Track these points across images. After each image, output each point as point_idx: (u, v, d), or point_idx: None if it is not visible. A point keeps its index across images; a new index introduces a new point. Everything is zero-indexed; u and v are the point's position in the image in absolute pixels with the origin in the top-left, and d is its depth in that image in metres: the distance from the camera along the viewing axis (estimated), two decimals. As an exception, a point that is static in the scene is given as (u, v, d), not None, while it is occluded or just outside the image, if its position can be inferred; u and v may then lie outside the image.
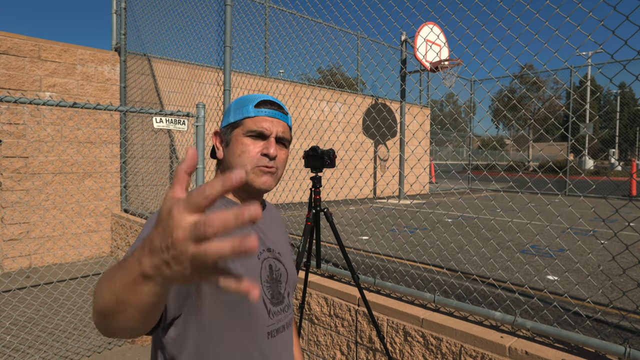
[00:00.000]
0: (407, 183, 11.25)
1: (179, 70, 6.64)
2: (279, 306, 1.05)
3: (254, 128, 0.99)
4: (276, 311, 1.03)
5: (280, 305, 1.05)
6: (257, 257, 1.01)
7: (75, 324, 3.65)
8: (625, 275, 3.66)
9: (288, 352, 1.06)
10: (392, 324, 2.59)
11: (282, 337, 1.04)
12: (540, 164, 29.06)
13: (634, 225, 7.00)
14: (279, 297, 1.05)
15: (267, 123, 1.00)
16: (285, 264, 1.10)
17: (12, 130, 5.33)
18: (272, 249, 1.07)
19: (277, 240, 1.12)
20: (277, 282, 1.05)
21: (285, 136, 1.03)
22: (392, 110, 11.25)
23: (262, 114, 1.00)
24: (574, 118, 11.59)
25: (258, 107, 1.00)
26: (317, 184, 2.33)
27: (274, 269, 1.05)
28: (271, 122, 1.01)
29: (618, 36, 1.91)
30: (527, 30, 2.33)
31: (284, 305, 1.07)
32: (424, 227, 6.30)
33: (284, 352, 1.04)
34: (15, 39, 5.40)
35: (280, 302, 1.05)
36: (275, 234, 1.14)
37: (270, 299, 1.02)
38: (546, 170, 21.93)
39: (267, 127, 1.00)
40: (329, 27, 8.24)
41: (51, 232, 5.70)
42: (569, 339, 2.01)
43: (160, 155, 6.45)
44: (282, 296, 1.06)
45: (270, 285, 1.02)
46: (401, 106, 9.11)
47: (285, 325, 1.06)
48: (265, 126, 1.00)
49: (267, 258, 1.04)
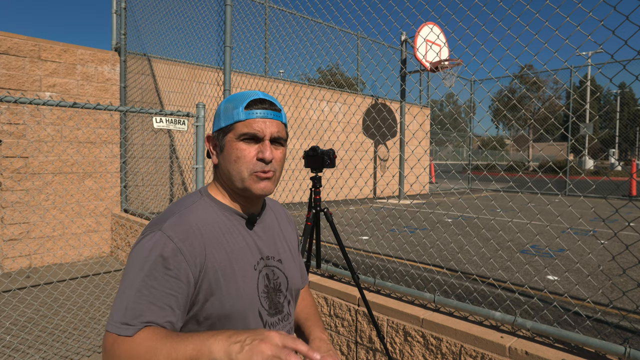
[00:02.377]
0: (407, 183, 11.25)
1: (179, 70, 6.64)
2: (277, 316, 1.02)
3: (246, 131, 0.95)
4: (273, 322, 1.01)
5: (279, 315, 1.03)
6: (254, 269, 0.99)
7: (75, 324, 3.65)
8: (625, 275, 3.66)
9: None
10: (392, 324, 2.59)
11: None
12: (540, 164, 29.06)
13: (634, 225, 7.00)
14: (278, 307, 1.03)
15: (259, 124, 0.96)
16: (285, 271, 1.07)
17: (12, 130, 5.33)
18: (270, 256, 1.05)
19: (278, 245, 1.09)
20: (276, 290, 1.03)
21: (281, 135, 0.99)
22: (392, 110, 11.25)
23: (254, 115, 0.96)
24: (574, 118, 11.59)
25: (249, 109, 0.96)
26: (317, 184, 2.33)
27: (272, 278, 1.03)
28: (264, 123, 0.96)
29: (618, 36, 1.91)
30: (527, 30, 2.33)
31: (283, 315, 1.04)
32: (424, 227, 6.30)
33: None
34: (15, 39, 5.40)
35: (279, 312, 1.03)
36: (277, 238, 1.10)
37: (268, 309, 1.00)
38: (546, 170, 21.93)
39: (260, 129, 0.96)
40: (329, 27, 8.23)
41: (51, 232, 5.70)
42: (569, 339, 2.01)
43: (160, 155, 6.45)
44: (280, 305, 1.04)
45: (267, 296, 1.00)
46: (401, 106, 9.11)
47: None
48: (258, 128, 0.96)
49: (263, 267, 1.01)
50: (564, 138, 34.33)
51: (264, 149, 0.95)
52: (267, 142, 0.96)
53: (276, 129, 0.98)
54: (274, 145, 0.99)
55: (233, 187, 1.00)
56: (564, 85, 3.04)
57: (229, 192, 1.02)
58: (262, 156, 0.95)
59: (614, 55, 1.92)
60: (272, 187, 0.99)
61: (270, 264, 1.04)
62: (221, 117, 1.00)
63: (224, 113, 0.99)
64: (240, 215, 1.02)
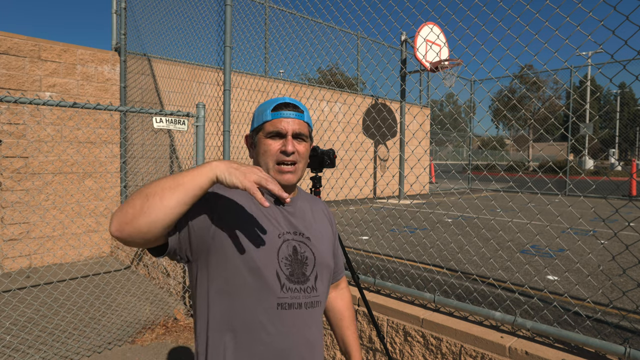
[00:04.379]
0: (407, 183, 11.24)
1: (179, 70, 6.64)
2: (299, 285, 1.11)
3: (271, 129, 1.16)
4: (292, 288, 1.10)
5: (301, 285, 1.12)
6: (278, 237, 1.12)
7: (75, 324, 3.65)
8: (625, 275, 3.66)
9: (299, 330, 1.10)
10: (392, 324, 2.59)
11: (295, 314, 1.09)
12: (540, 164, 29.05)
13: (634, 225, 7.00)
14: (301, 277, 1.12)
15: (283, 123, 1.15)
16: (313, 248, 1.18)
17: (12, 130, 5.33)
18: (301, 232, 1.17)
19: (307, 226, 1.21)
20: (302, 263, 1.14)
21: (302, 131, 1.18)
22: (392, 110, 11.24)
23: (279, 116, 1.16)
24: (574, 118, 11.59)
25: (275, 111, 1.16)
26: (317, 184, 2.32)
27: (299, 250, 1.14)
28: (287, 122, 1.16)
29: (618, 36, 1.91)
30: (527, 30, 2.33)
31: (307, 286, 1.13)
32: (424, 227, 6.30)
33: (293, 329, 1.08)
34: (15, 39, 5.40)
35: (302, 282, 1.12)
36: (307, 220, 1.23)
37: (288, 275, 1.10)
38: (546, 170, 21.93)
39: (283, 127, 1.15)
40: (329, 27, 8.22)
41: (51, 232, 5.70)
42: (569, 339, 2.01)
43: (160, 155, 6.45)
44: (305, 277, 1.13)
45: (290, 263, 1.11)
46: (401, 106, 9.10)
47: (304, 305, 1.11)
48: (281, 126, 1.15)
49: (290, 240, 1.14)
50: (564, 138, 34.33)
51: (287, 143, 1.14)
52: (289, 137, 1.15)
53: (298, 127, 1.17)
54: (297, 140, 1.17)
55: None
56: (564, 85, 3.04)
57: None
58: (284, 149, 1.14)
59: (614, 55, 1.92)
60: (294, 178, 1.17)
61: (297, 238, 1.16)
62: (255, 119, 1.22)
63: (257, 115, 1.21)
64: (271, 195, 1.18)
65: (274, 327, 1.05)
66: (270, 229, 1.12)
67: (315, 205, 1.31)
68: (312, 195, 1.36)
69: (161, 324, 3.67)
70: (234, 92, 7.23)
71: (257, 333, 1.05)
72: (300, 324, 1.10)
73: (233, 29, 3.86)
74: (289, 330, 1.08)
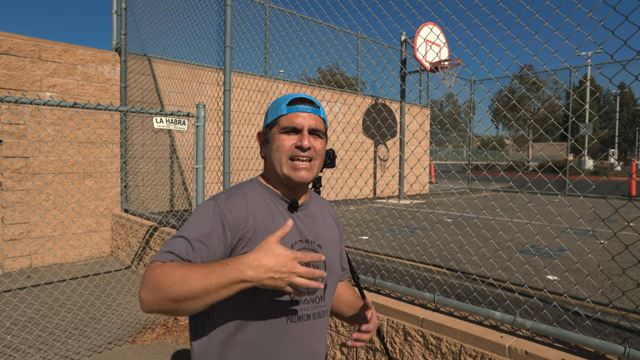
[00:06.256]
0: (407, 183, 11.25)
1: (179, 71, 6.64)
2: (308, 295, 1.09)
3: (286, 124, 1.09)
4: (302, 299, 1.08)
5: (310, 295, 1.10)
6: (291, 246, 1.09)
7: (75, 323, 3.65)
8: (625, 275, 3.66)
9: (308, 342, 1.08)
10: (392, 324, 2.59)
11: (305, 326, 1.07)
12: (540, 164, 29.05)
13: (633, 225, 7.01)
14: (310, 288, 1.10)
15: (299, 118, 1.09)
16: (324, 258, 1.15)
17: (13, 131, 5.34)
18: (310, 240, 1.14)
19: (318, 232, 1.17)
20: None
21: (319, 127, 1.11)
22: (392, 110, 11.24)
23: (294, 110, 1.09)
24: (573, 118, 11.60)
25: (290, 105, 1.10)
26: (317, 183, 2.32)
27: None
28: (303, 117, 1.09)
29: (618, 36, 1.91)
30: (527, 30, 2.34)
31: (315, 297, 1.11)
32: (423, 227, 6.31)
33: (303, 342, 1.07)
34: (16, 39, 5.40)
35: (311, 292, 1.10)
36: (318, 226, 1.18)
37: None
38: (546, 170, 21.94)
39: (299, 122, 1.08)
40: (329, 27, 8.23)
41: (52, 232, 5.70)
42: (569, 338, 2.02)
43: (161, 155, 6.45)
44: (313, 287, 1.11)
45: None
46: (401, 106, 9.11)
47: (312, 316, 1.09)
48: (297, 121, 1.08)
49: (302, 249, 1.11)
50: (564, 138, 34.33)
51: (302, 138, 1.08)
52: (305, 132, 1.09)
53: (314, 122, 1.10)
54: (313, 136, 1.11)
55: (276, 176, 1.13)
56: (564, 85, 3.05)
57: (274, 181, 1.15)
58: (300, 144, 1.07)
59: (613, 56, 1.93)
60: (309, 176, 1.10)
61: (309, 246, 1.13)
62: (268, 114, 1.15)
63: (271, 110, 1.14)
64: (284, 200, 1.14)
65: (283, 341, 1.04)
66: (285, 239, 1.07)
67: (324, 207, 1.28)
68: (320, 197, 1.32)
69: (161, 324, 3.68)
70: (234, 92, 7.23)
71: (266, 347, 1.03)
72: (308, 336, 1.09)
73: (233, 29, 3.87)
74: (298, 342, 1.06)
